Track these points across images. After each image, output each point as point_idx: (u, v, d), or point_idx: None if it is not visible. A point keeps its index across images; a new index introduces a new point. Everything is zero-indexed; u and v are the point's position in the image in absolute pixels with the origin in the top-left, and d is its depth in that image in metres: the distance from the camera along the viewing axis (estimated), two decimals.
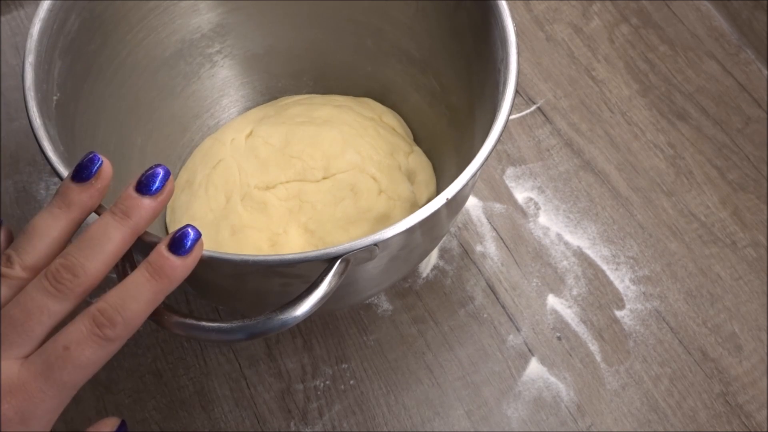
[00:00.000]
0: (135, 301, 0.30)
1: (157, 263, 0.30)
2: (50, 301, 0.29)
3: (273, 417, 0.49)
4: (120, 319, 0.29)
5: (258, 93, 0.55)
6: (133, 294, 0.30)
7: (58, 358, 0.28)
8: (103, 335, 0.29)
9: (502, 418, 0.49)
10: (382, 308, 0.52)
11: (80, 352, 0.28)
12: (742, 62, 0.62)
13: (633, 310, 0.52)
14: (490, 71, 0.41)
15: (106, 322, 0.29)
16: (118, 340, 0.29)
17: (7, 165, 0.58)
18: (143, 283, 0.30)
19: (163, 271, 0.30)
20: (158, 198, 0.32)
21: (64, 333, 0.29)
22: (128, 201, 0.31)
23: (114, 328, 0.29)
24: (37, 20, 0.38)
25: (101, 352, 0.29)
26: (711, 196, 0.56)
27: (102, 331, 0.29)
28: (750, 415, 0.48)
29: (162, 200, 0.32)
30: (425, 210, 0.34)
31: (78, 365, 0.28)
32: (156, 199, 0.31)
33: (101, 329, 0.29)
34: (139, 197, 0.31)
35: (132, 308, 0.29)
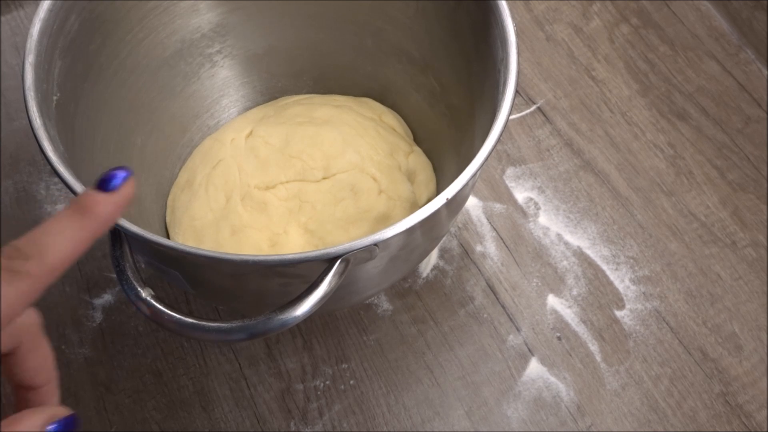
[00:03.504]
0: (51, 235, 0.27)
1: (80, 200, 0.29)
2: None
3: (273, 417, 0.49)
4: (34, 252, 0.26)
5: (258, 93, 0.55)
6: (52, 229, 0.27)
7: None
8: (13, 267, 0.26)
9: (502, 418, 0.49)
10: (382, 308, 0.52)
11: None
12: (742, 62, 0.62)
13: (633, 310, 0.52)
14: (490, 71, 0.41)
15: (17, 254, 0.26)
16: (32, 276, 0.26)
17: (7, 165, 0.58)
18: (63, 219, 0.28)
19: (85, 206, 0.28)
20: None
21: None
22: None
23: (26, 260, 0.26)
24: (37, 20, 0.38)
25: (10, 287, 0.26)
26: (711, 196, 0.56)
27: (12, 263, 0.26)
28: (750, 415, 0.48)
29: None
30: (425, 210, 0.34)
31: None
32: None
33: (11, 260, 0.26)
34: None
35: (49, 242, 0.27)
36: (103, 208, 0.29)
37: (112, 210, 0.29)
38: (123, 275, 0.33)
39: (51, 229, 0.27)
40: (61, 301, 0.52)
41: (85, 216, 0.28)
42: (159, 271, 0.42)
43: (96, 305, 0.52)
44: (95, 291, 0.53)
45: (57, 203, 0.56)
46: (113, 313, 0.52)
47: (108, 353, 0.51)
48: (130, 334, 0.51)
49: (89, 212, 0.28)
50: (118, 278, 0.33)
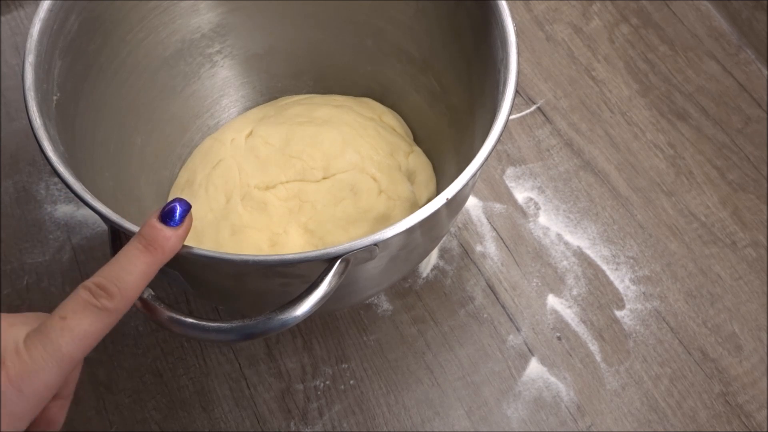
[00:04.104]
0: (129, 273, 0.30)
1: (149, 235, 0.31)
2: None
3: (273, 417, 0.49)
4: (116, 290, 0.29)
5: (258, 93, 0.55)
6: (127, 266, 0.30)
7: (55, 327, 0.28)
8: (101, 305, 0.29)
9: (502, 418, 0.49)
10: (382, 308, 0.52)
11: (78, 321, 0.28)
12: (742, 62, 0.62)
13: (633, 310, 0.52)
14: (490, 71, 0.41)
15: (103, 293, 0.29)
16: (115, 311, 0.29)
17: (7, 165, 0.58)
18: (137, 255, 0.30)
19: (156, 241, 0.31)
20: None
21: (62, 305, 0.29)
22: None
23: (111, 299, 0.29)
24: (37, 20, 0.38)
25: (99, 323, 0.29)
26: (711, 196, 0.56)
27: (99, 301, 0.29)
28: (750, 415, 0.48)
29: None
30: (425, 210, 0.34)
31: (75, 335, 0.28)
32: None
33: (98, 299, 0.29)
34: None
35: (127, 279, 0.30)
36: (169, 244, 0.31)
37: (176, 243, 0.32)
38: None
39: (127, 267, 0.30)
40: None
41: (155, 251, 0.31)
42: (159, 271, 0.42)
43: None
44: None
45: (57, 203, 0.56)
46: None
47: (108, 353, 0.51)
48: (130, 334, 0.51)
49: (159, 247, 0.31)
50: None
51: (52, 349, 0.28)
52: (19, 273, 0.53)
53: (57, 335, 0.28)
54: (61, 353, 0.28)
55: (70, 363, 0.28)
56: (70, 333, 0.28)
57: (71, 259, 0.54)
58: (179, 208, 0.32)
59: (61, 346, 0.28)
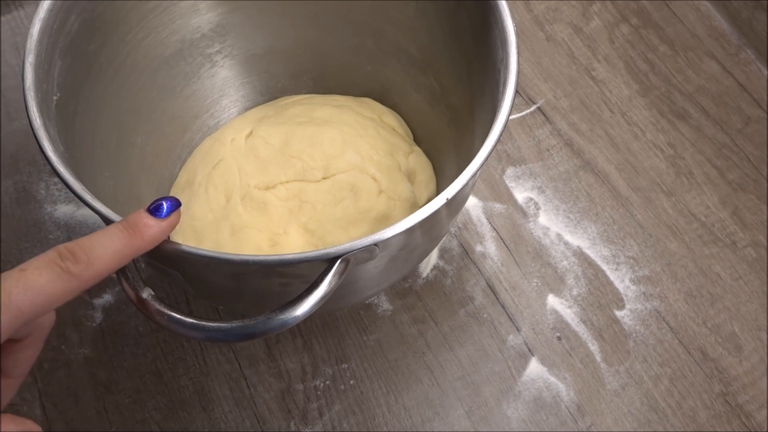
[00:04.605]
0: (102, 246, 0.30)
1: (132, 219, 0.32)
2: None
3: (273, 417, 0.49)
4: (84, 257, 0.29)
5: (258, 93, 0.55)
6: (102, 239, 0.30)
7: (11, 276, 0.28)
8: (64, 266, 0.29)
9: (502, 418, 0.49)
10: (382, 308, 0.52)
11: (36, 275, 0.28)
12: (742, 62, 0.62)
13: (633, 310, 0.52)
14: (490, 71, 0.41)
15: (70, 256, 0.29)
16: (77, 278, 0.29)
17: (7, 165, 0.58)
18: (115, 233, 0.31)
19: (137, 226, 0.31)
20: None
21: (28, 261, 0.29)
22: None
23: (76, 263, 0.29)
24: (37, 20, 0.38)
25: (57, 284, 0.28)
26: (711, 196, 0.56)
27: (63, 263, 0.29)
28: (750, 415, 0.48)
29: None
30: (425, 210, 0.34)
31: (29, 288, 0.28)
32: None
33: (62, 260, 0.29)
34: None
35: (98, 251, 0.30)
36: (150, 231, 0.32)
37: (157, 233, 0.32)
38: (123, 275, 0.33)
39: (102, 240, 0.30)
40: None
41: (133, 235, 0.31)
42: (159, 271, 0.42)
43: (96, 305, 0.52)
44: (95, 291, 0.53)
45: (57, 203, 0.56)
46: (113, 313, 0.52)
47: (108, 353, 0.51)
48: (130, 334, 0.51)
49: (138, 232, 0.31)
50: (118, 278, 0.33)
51: (4, 298, 0.27)
52: None
53: (10, 284, 0.28)
54: (9, 301, 0.27)
55: (17, 315, 0.28)
56: (24, 284, 0.28)
57: None
58: (166, 203, 0.33)
59: (11, 294, 0.27)
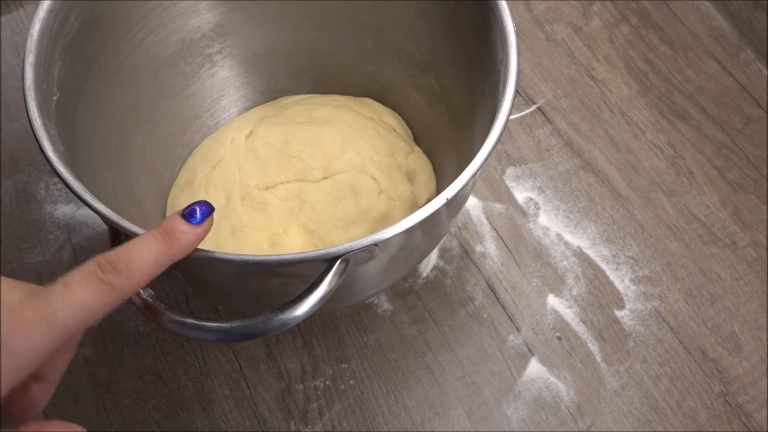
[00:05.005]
0: (140, 255, 0.30)
1: (168, 225, 0.32)
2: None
3: (273, 417, 0.49)
4: (124, 268, 0.29)
5: (258, 93, 0.55)
6: (140, 248, 0.30)
7: (55, 292, 0.28)
8: (106, 280, 0.29)
9: (502, 418, 0.49)
10: (382, 308, 0.52)
11: (78, 290, 0.28)
12: (742, 62, 0.62)
13: (633, 310, 0.52)
14: (490, 71, 0.41)
15: (110, 268, 0.29)
16: (119, 289, 0.29)
17: (7, 165, 0.58)
18: (152, 241, 0.31)
19: (173, 233, 0.31)
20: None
21: (68, 273, 0.29)
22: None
23: (117, 275, 0.29)
24: (37, 20, 0.38)
25: (100, 297, 0.28)
26: (711, 196, 0.56)
27: (105, 276, 0.29)
28: (750, 415, 0.48)
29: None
30: (425, 210, 0.34)
31: (73, 303, 0.28)
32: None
33: (104, 273, 0.29)
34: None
35: (137, 260, 0.30)
36: (186, 238, 0.32)
37: (193, 240, 0.32)
38: None
39: (141, 249, 0.30)
40: None
41: (170, 242, 0.31)
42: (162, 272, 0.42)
43: None
44: None
45: (57, 203, 0.56)
46: (113, 313, 0.52)
47: (108, 353, 0.51)
48: (130, 334, 0.51)
49: (175, 239, 0.32)
50: None
51: (46, 311, 0.27)
52: (19, 273, 0.53)
53: (55, 300, 0.27)
54: (55, 318, 0.27)
55: (62, 330, 0.28)
56: (68, 300, 0.28)
57: (71, 259, 0.54)
58: (200, 208, 0.33)
59: (57, 311, 0.27)
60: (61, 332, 0.28)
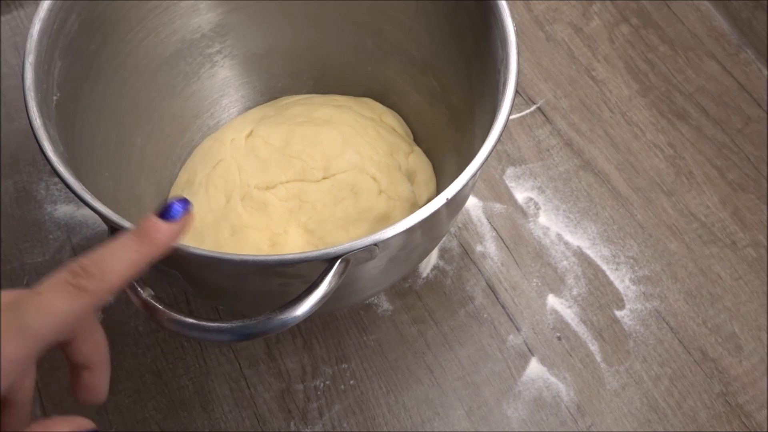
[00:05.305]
0: (114, 257, 0.29)
1: (142, 225, 0.31)
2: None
3: (273, 417, 0.49)
4: (96, 271, 0.28)
5: (258, 93, 0.55)
6: (114, 251, 0.30)
7: (28, 300, 0.27)
8: (77, 284, 0.28)
9: (502, 418, 0.49)
10: (382, 308, 0.52)
11: (51, 298, 0.27)
12: (742, 62, 0.62)
13: (633, 310, 0.52)
14: (490, 71, 0.41)
15: (82, 272, 0.28)
16: (93, 294, 0.28)
17: (7, 165, 0.58)
18: (125, 242, 0.30)
19: (147, 232, 0.31)
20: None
21: (41, 282, 0.28)
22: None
23: (89, 279, 0.28)
24: (37, 20, 0.38)
25: (73, 303, 0.28)
26: (711, 196, 0.56)
27: (76, 280, 0.28)
28: (750, 415, 0.48)
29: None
30: (425, 210, 0.34)
31: (46, 312, 0.27)
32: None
33: (75, 278, 0.28)
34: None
35: (110, 263, 0.29)
36: (161, 236, 0.31)
37: (169, 237, 0.31)
38: None
39: (113, 251, 0.29)
40: None
41: (145, 241, 0.30)
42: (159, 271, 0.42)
43: None
44: None
45: (57, 203, 0.56)
46: (113, 313, 0.52)
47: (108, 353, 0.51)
48: (130, 334, 0.51)
49: (149, 238, 0.30)
50: None
51: (19, 322, 0.27)
52: (19, 273, 0.53)
53: (25, 307, 0.27)
54: (26, 326, 0.27)
55: (35, 340, 0.27)
56: (41, 308, 0.27)
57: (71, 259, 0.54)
58: (175, 205, 0.32)
59: (29, 320, 0.27)
60: (35, 340, 0.27)
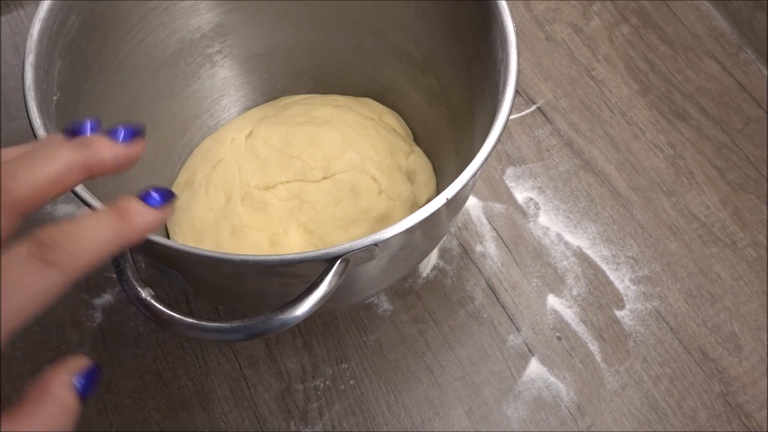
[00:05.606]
0: (87, 231, 0.26)
1: (122, 203, 0.28)
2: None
3: (273, 417, 0.49)
4: (67, 243, 0.25)
5: (258, 93, 0.55)
6: (89, 225, 0.26)
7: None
8: (43, 256, 0.25)
9: (502, 418, 0.49)
10: (382, 308, 0.52)
11: (14, 277, 0.25)
12: (742, 62, 0.62)
13: (633, 310, 0.52)
14: (490, 71, 0.41)
15: (49, 243, 0.25)
16: (64, 269, 0.25)
17: None
18: (103, 218, 0.27)
19: (126, 212, 0.28)
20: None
21: (4, 256, 0.25)
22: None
23: (61, 253, 0.25)
24: (37, 20, 0.38)
25: (42, 280, 0.25)
26: (711, 196, 0.56)
27: (43, 252, 0.25)
28: (750, 415, 0.48)
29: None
30: (425, 210, 0.34)
31: (12, 293, 0.24)
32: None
33: (41, 249, 0.25)
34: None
35: (82, 236, 0.26)
36: (141, 220, 0.28)
37: (150, 222, 0.29)
38: (123, 275, 0.33)
39: (87, 226, 0.26)
40: (61, 302, 0.51)
41: (123, 222, 0.28)
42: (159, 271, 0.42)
43: (96, 305, 0.52)
44: (95, 291, 0.53)
45: (57, 203, 0.56)
46: (113, 313, 0.52)
47: (108, 353, 0.51)
48: (130, 334, 0.51)
49: (129, 220, 0.28)
50: (118, 278, 0.33)
51: None
52: None
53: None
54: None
55: (5, 324, 0.24)
56: (5, 292, 0.24)
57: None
58: (158, 193, 0.29)
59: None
60: (5, 327, 0.24)
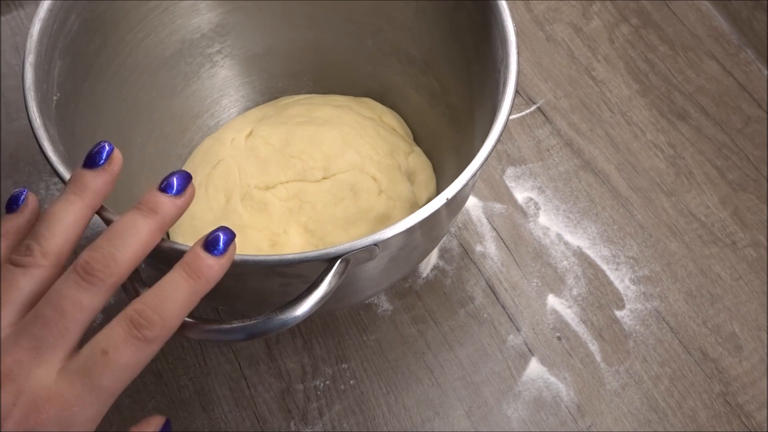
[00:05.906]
0: (172, 301, 0.29)
1: (193, 263, 0.30)
2: (82, 295, 0.28)
3: (273, 417, 0.49)
4: (158, 319, 0.28)
5: (258, 93, 0.55)
6: (170, 294, 0.29)
7: (96, 363, 0.27)
8: (142, 336, 0.28)
9: (502, 418, 0.49)
10: (382, 308, 0.52)
11: (119, 355, 0.27)
12: (742, 62, 0.62)
13: (633, 310, 0.52)
14: (490, 71, 0.41)
15: (145, 323, 0.28)
16: (157, 341, 0.28)
17: (7, 165, 0.58)
18: (180, 283, 0.30)
19: (199, 270, 0.30)
20: (181, 197, 0.32)
21: (101, 336, 0.28)
22: (153, 198, 0.31)
23: (152, 328, 0.28)
24: (37, 20, 0.38)
25: (140, 354, 0.28)
26: (711, 196, 0.56)
27: (140, 332, 0.28)
28: (750, 415, 0.48)
29: (185, 199, 0.32)
30: (425, 210, 0.34)
31: (117, 369, 0.27)
32: (179, 198, 0.32)
33: (140, 330, 0.28)
34: (162, 195, 0.31)
35: (169, 308, 0.29)
36: (212, 273, 0.31)
37: (219, 273, 0.31)
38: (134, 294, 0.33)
39: (170, 295, 0.29)
40: None
41: (198, 280, 0.30)
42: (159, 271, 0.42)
43: None
44: None
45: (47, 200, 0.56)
46: (113, 313, 0.52)
47: None
48: None
49: (202, 276, 0.30)
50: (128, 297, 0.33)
51: (92, 385, 0.27)
52: None
53: (98, 371, 0.27)
54: (102, 388, 0.27)
55: (109, 396, 0.28)
56: (111, 368, 0.27)
57: (70, 260, 0.54)
58: (223, 237, 0.31)
59: (102, 381, 0.27)
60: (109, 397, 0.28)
